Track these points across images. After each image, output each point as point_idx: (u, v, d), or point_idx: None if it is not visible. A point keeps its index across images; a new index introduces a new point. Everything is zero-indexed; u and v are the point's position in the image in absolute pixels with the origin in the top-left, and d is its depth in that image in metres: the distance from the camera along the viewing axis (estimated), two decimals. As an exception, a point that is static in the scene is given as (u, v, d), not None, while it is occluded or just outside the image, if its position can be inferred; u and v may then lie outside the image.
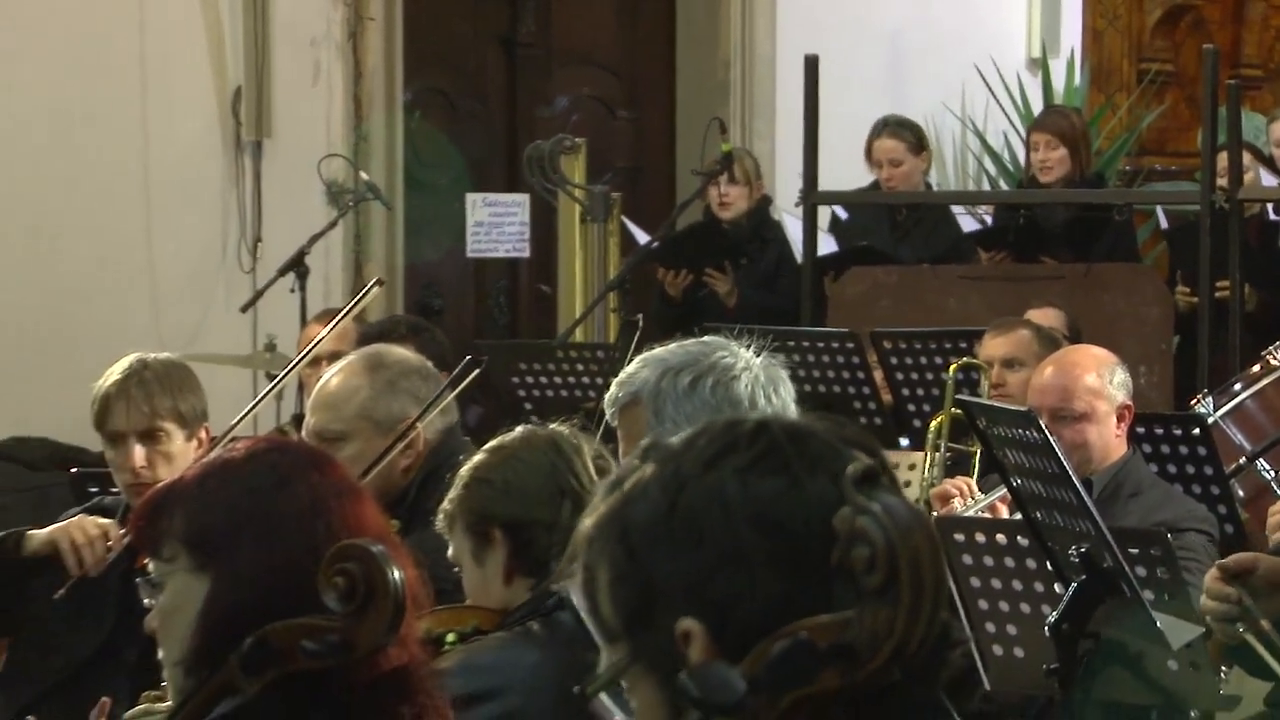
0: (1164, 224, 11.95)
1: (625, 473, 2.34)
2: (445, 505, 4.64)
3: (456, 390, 5.91)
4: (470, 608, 4.59)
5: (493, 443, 4.72)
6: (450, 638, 4.45)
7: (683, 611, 2.24)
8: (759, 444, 2.27)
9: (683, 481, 2.27)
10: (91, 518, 5.84)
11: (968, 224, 12.25)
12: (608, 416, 5.07)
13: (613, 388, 5.05)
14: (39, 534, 5.83)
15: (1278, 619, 4.58)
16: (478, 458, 4.68)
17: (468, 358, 5.92)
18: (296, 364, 7.43)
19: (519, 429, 4.77)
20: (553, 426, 4.79)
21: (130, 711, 4.00)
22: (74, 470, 7.37)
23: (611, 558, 2.30)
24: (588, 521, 2.34)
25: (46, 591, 5.83)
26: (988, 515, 6.47)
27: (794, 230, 11.44)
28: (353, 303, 7.69)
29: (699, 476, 2.26)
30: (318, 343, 7.29)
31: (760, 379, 4.88)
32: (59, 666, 5.52)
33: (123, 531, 5.69)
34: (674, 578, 2.26)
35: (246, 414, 6.91)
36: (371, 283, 7.85)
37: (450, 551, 4.64)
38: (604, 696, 2.43)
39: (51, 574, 5.80)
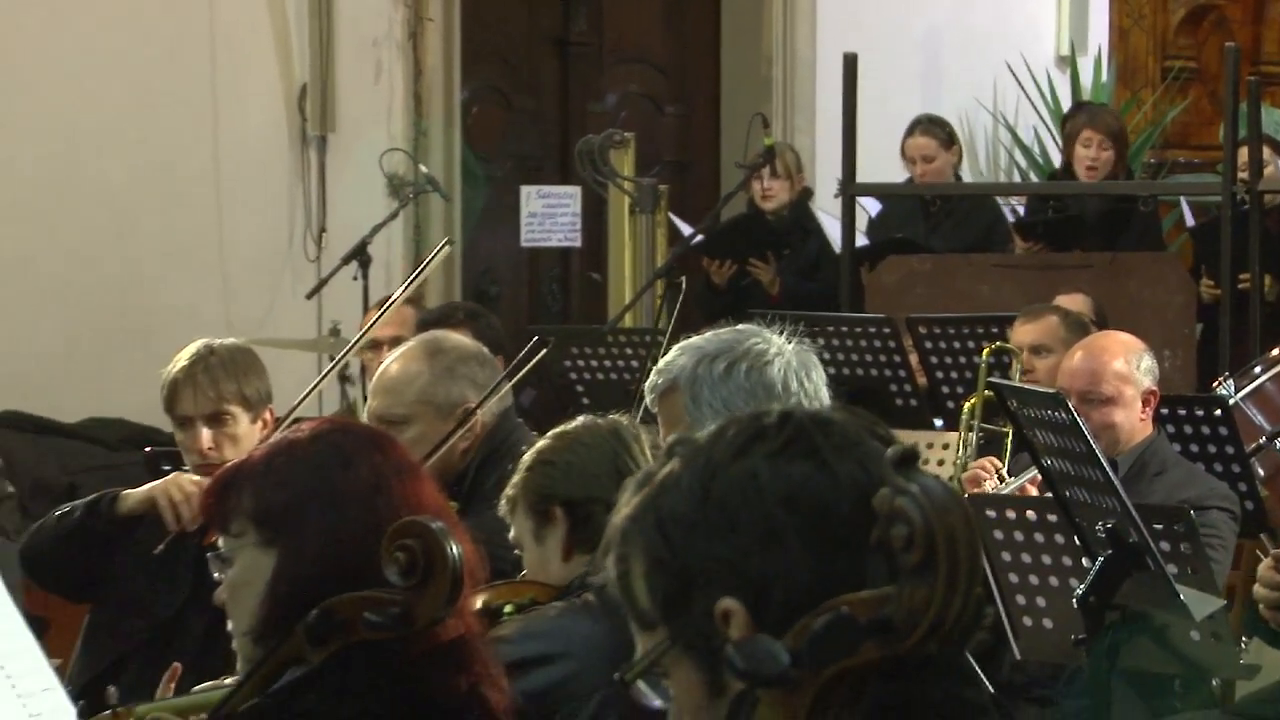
0: (1188, 214, 11.93)
1: (654, 469, 2.34)
2: (509, 490, 4.66)
3: (525, 370, 5.90)
4: (528, 583, 4.60)
5: (556, 429, 4.73)
6: (508, 609, 4.46)
7: (722, 592, 2.24)
8: (786, 430, 2.27)
9: (714, 470, 2.27)
10: (187, 475, 5.85)
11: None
12: (648, 402, 5.07)
13: (652, 375, 5.05)
14: (135, 493, 5.84)
15: None
16: (541, 442, 4.70)
17: (535, 339, 5.91)
18: (356, 343, 7.46)
19: (581, 417, 4.78)
20: (613, 416, 4.80)
21: (202, 685, 4.01)
22: (148, 450, 7.38)
23: (647, 547, 2.30)
24: (618, 516, 2.34)
25: (129, 553, 5.84)
26: (1019, 494, 6.47)
27: (828, 225, 11.44)
28: (425, 263, 7.70)
29: (730, 463, 2.26)
30: (383, 314, 7.31)
31: (792, 364, 4.86)
32: (138, 629, 5.53)
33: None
34: (711, 561, 2.25)
35: (308, 394, 6.93)
36: (442, 243, 7.87)
37: (512, 534, 4.65)
38: (641, 683, 2.43)
39: (139, 534, 5.82)
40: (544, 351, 5.88)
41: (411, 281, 7.45)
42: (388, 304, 7.49)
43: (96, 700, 3.87)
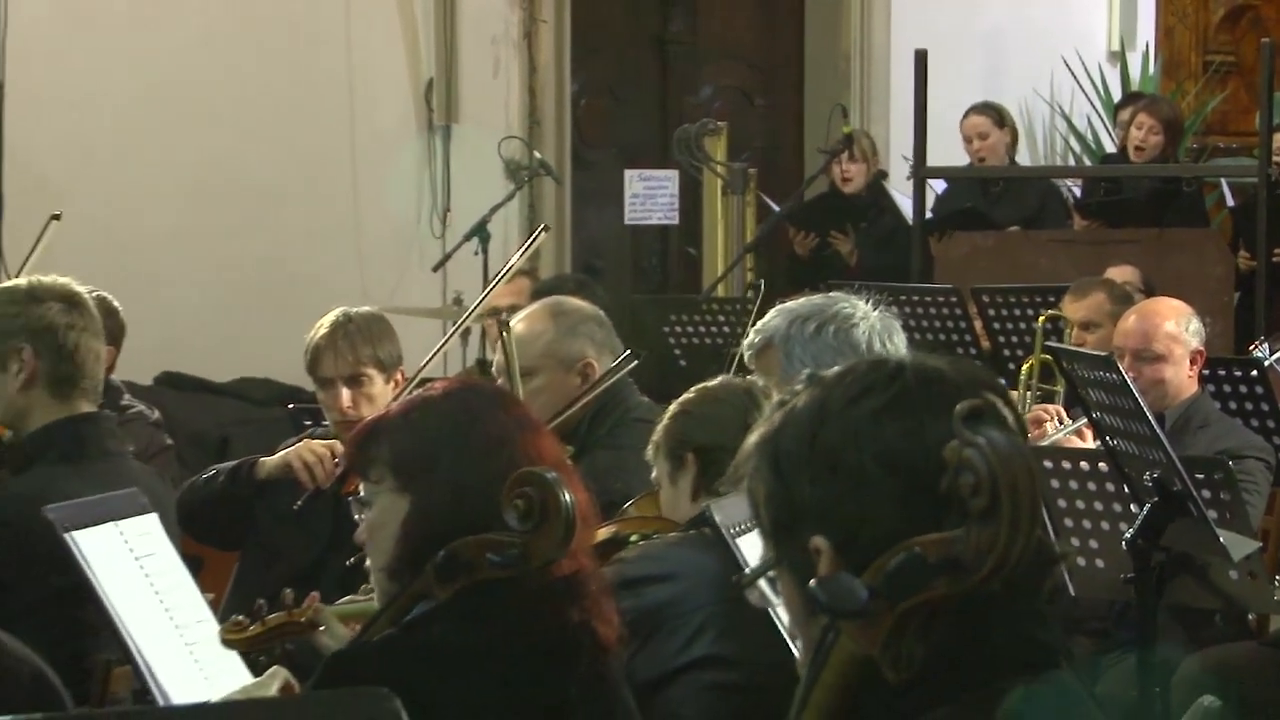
0: (1228, 194, 11.88)
1: (790, 395, 2.34)
2: (654, 435, 4.68)
3: (614, 377, 5.90)
4: (654, 518, 4.62)
5: (701, 385, 4.75)
6: (634, 538, 4.49)
7: (815, 530, 2.23)
8: (893, 388, 2.25)
9: (825, 416, 2.26)
10: (317, 440, 5.89)
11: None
12: (746, 359, 5.09)
13: (750, 334, 5.08)
14: (271, 460, 5.89)
15: None
16: (685, 396, 4.71)
17: (628, 352, 5.93)
18: (474, 309, 7.47)
19: (721, 376, 4.81)
20: (750, 378, 4.80)
21: (338, 602, 4.05)
22: (290, 406, 7.42)
23: (765, 476, 2.30)
24: (753, 437, 2.35)
25: (270, 510, 5.88)
26: (1074, 441, 6.45)
27: (901, 202, 11.44)
28: (525, 246, 7.75)
29: (840, 412, 2.25)
30: (495, 284, 7.33)
31: (876, 326, 4.90)
32: (282, 573, 5.55)
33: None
34: (810, 501, 2.25)
35: (433, 356, 6.95)
36: (538, 230, 7.89)
37: (653, 474, 4.68)
38: (764, 585, 2.45)
39: (278, 493, 5.85)
40: (634, 364, 5.88)
41: (510, 266, 7.47)
42: (492, 283, 7.49)
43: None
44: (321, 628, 3.86)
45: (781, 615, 4.18)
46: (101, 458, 4.79)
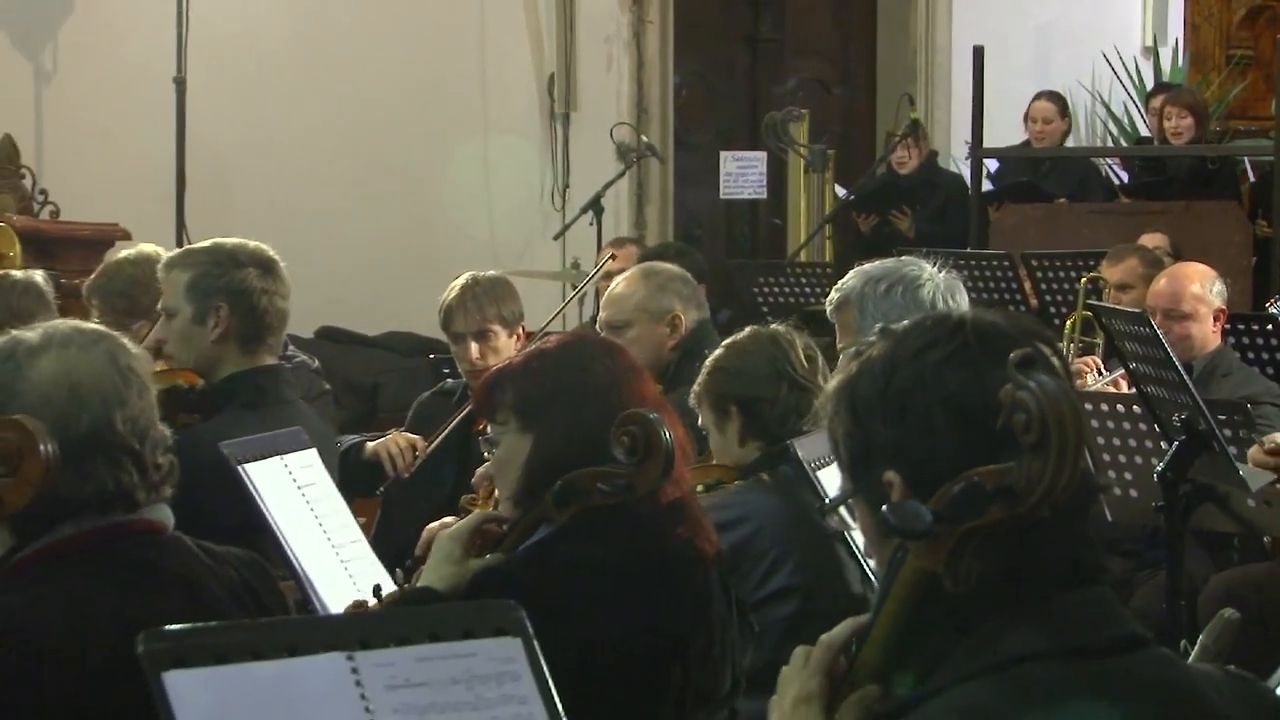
0: (1249, 170, 11.82)
1: (865, 346, 2.33)
2: (695, 388, 4.64)
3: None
4: (713, 465, 4.59)
5: (727, 340, 4.70)
6: (699, 488, 4.46)
7: (888, 465, 2.23)
8: (955, 341, 2.24)
9: (896, 365, 2.25)
10: (404, 435, 5.91)
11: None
12: (828, 314, 5.07)
13: (831, 293, 5.06)
14: (369, 445, 5.90)
15: None
16: (717, 352, 4.66)
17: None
18: (589, 281, 7.50)
19: (748, 329, 4.76)
20: (773, 326, 4.75)
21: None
22: (430, 356, 7.45)
23: (844, 417, 2.30)
24: (832, 383, 2.35)
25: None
26: (1112, 388, 6.43)
27: (964, 173, 11.45)
28: (596, 268, 7.79)
29: (908, 362, 2.24)
30: (596, 272, 7.34)
31: (940, 286, 4.87)
32: (422, 511, 5.57)
33: (447, 426, 5.78)
34: (884, 440, 2.24)
35: (555, 316, 6.96)
36: (606, 257, 7.96)
37: (700, 421, 4.64)
38: (844, 511, 2.45)
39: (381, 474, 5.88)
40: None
41: (588, 282, 7.52)
42: (594, 271, 7.48)
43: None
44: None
45: (855, 540, 4.18)
46: (279, 405, 4.80)
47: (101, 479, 3.01)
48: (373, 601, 3.78)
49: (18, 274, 5.95)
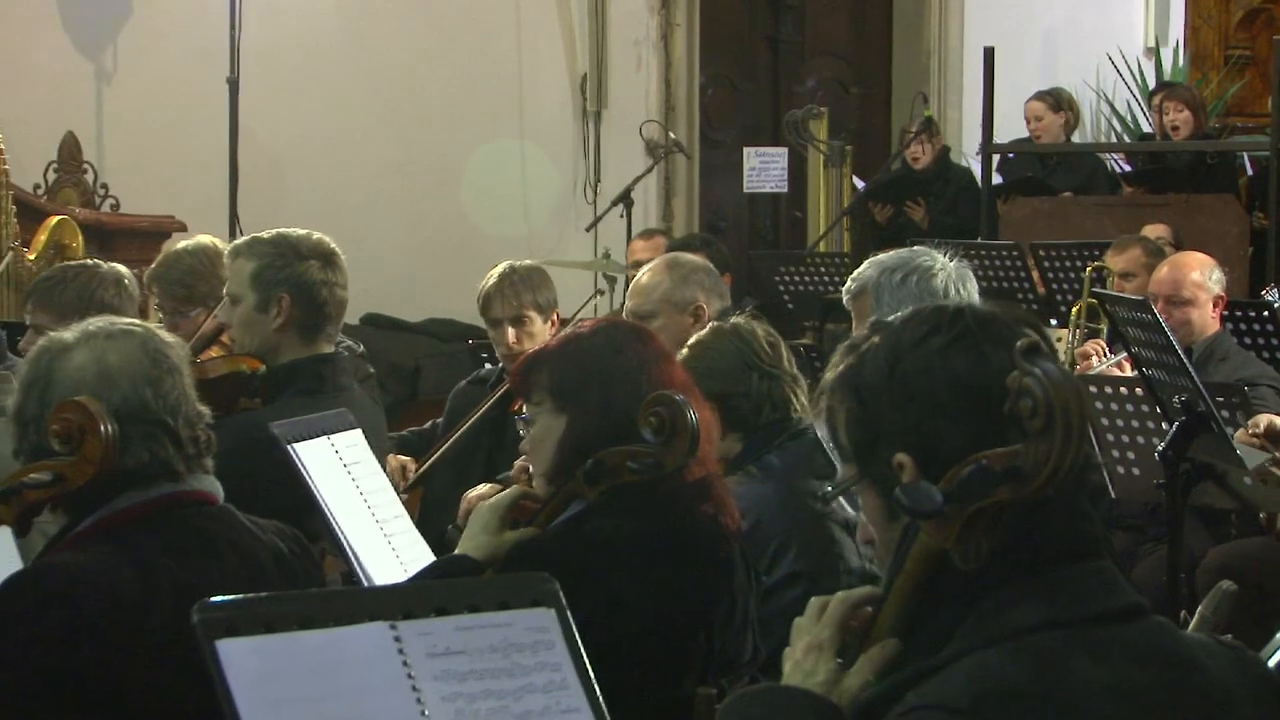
0: (1248, 165, 11.79)
1: (858, 340, 2.31)
2: None
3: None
4: None
5: (691, 340, 4.59)
6: None
7: (898, 448, 2.22)
8: (956, 327, 2.23)
9: (900, 353, 2.24)
10: (397, 458, 5.81)
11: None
12: (845, 302, 5.04)
13: (848, 282, 5.03)
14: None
15: None
16: (683, 353, 4.49)
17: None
18: (621, 274, 7.48)
19: (709, 327, 4.70)
20: (733, 319, 4.67)
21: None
22: (470, 341, 7.44)
23: (848, 405, 2.28)
24: (830, 374, 2.32)
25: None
26: (1115, 371, 6.41)
27: (975, 168, 11.42)
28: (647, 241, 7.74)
29: (913, 349, 2.23)
30: (630, 263, 7.31)
31: (952, 275, 4.84)
32: (455, 494, 5.57)
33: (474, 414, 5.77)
34: (892, 424, 2.23)
35: (588, 303, 6.96)
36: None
37: None
38: (843, 499, 2.44)
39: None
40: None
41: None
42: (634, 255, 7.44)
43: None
44: None
45: (848, 518, 4.16)
46: (336, 391, 4.79)
47: (137, 452, 3.04)
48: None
49: (104, 266, 5.95)
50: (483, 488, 4.84)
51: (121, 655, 2.87)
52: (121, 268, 5.96)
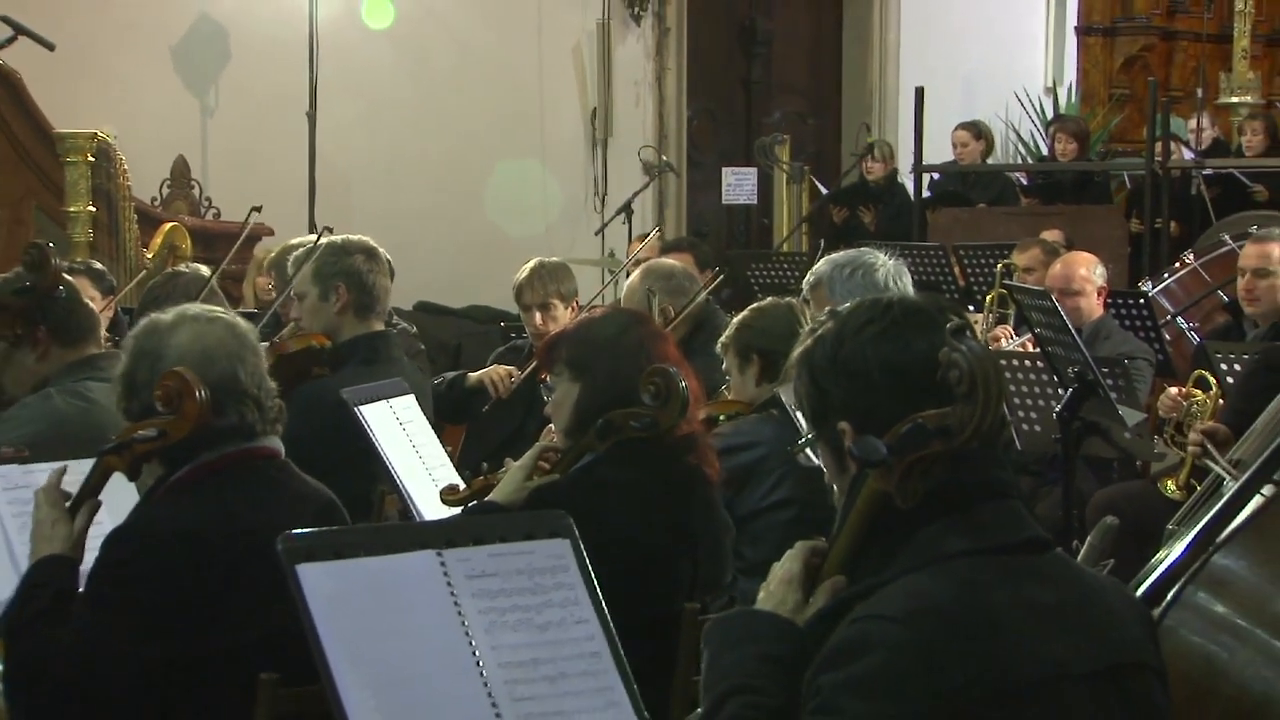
0: (1128, 181, 11.80)
1: (817, 325, 2.30)
2: (723, 339, 4.59)
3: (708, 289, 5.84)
4: (734, 401, 4.55)
5: (754, 305, 4.63)
6: (722, 417, 4.43)
7: (840, 417, 2.23)
8: (888, 318, 2.23)
9: (843, 339, 2.24)
10: (502, 366, 5.86)
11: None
12: (804, 293, 5.01)
13: (808, 276, 5.00)
14: (472, 375, 5.88)
15: None
16: (745, 313, 4.57)
17: (717, 269, 5.87)
18: (624, 267, 7.44)
19: (770, 298, 4.70)
20: (788, 298, 4.70)
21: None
22: (503, 324, 7.44)
23: (804, 379, 2.28)
24: (797, 351, 2.32)
25: (480, 407, 5.85)
26: (1021, 349, 6.39)
27: (910, 187, 11.41)
28: (644, 243, 7.74)
29: (853, 336, 2.23)
30: (633, 259, 7.29)
31: (891, 271, 4.81)
32: (494, 439, 5.55)
33: (521, 372, 5.73)
34: (836, 397, 2.23)
35: (597, 295, 6.92)
36: (653, 230, 7.90)
37: (724, 365, 4.58)
38: (809, 450, 2.43)
39: (481, 398, 5.83)
40: (719, 278, 5.79)
41: (632, 258, 7.47)
42: (634, 254, 7.45)
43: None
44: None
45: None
46: (388, 362, 4.80)
47: (230, 416, 3.03)
48: (463, 487, 3.78)
49: (187, 269, 5.98)
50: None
51: (206, 587, 2.85)
52: (202, 268, 6.04)
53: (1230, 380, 5.46)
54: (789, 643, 2.17)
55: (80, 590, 2.93)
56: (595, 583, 2.69)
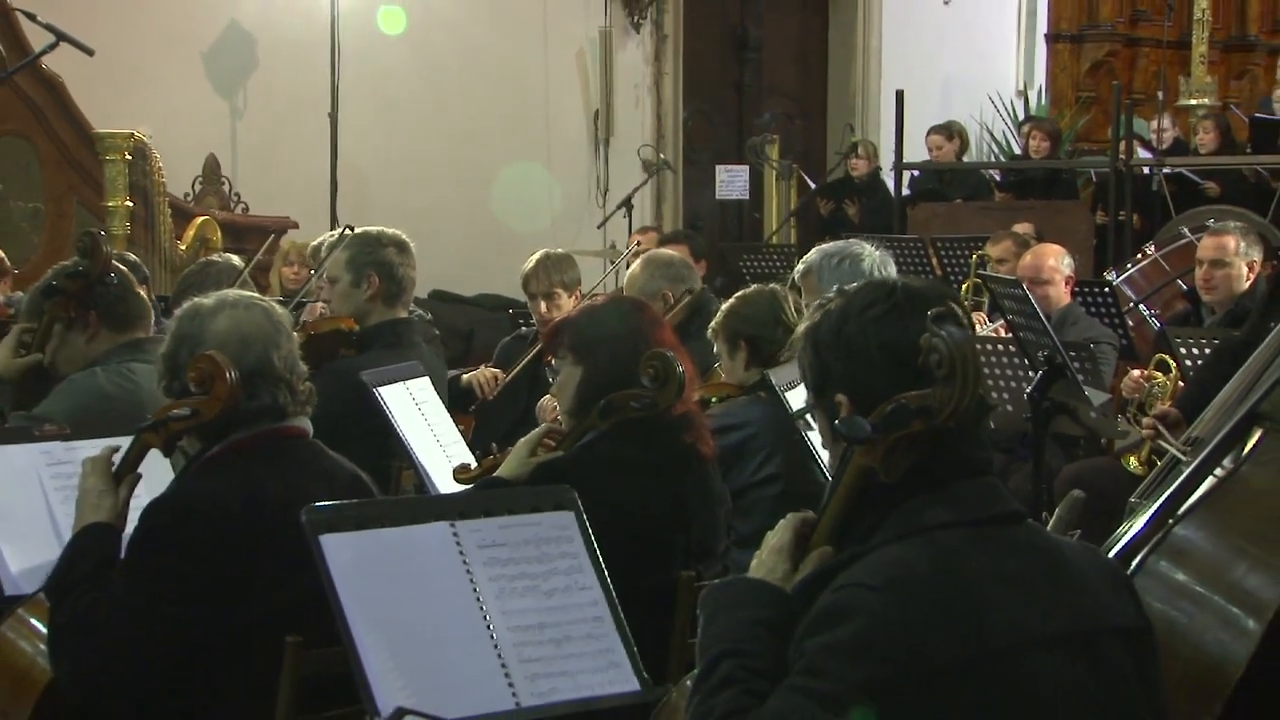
0: (1094, 177, 11.78)
1: (824, 301, 2.28)
2: (713, 325, 4.57)
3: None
4: (724, 384, 4.54)
5: (740, 293, 4.59)
6: (714, 399, 4.42)
7: (840, 389, 2.21)
8: (890, 302, 2.21)
9: (847, 317, 2.22)
10: (489, 369, 5.81)
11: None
12: (795, 280, 5.00)
13: (799, 264, 5.00)
14: (464, 377, 5.85)
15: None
16: (732, 301, 4.54)
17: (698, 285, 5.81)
18: (623, 260, 7.41)
19: (755, 286, 4.68)
20: (773, 286, 4.67)
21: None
22: (511, 311, 7.43)
23: (809, 353, 2.26)
24: (803, 325, 2.30)
25: (467, 406, 5.79)
26: (994, 334, 6.38)
27: (890, 183, 11.38)
28: (628, 250, 7.66)
29: (855, 316, 2.21)
30: (631, 251, 7.26)
31: (876, 259, 4.81)
32: (505, 422, 5.53)
33: (519, 364, 5.71)
34: (836, 372, 2.21)
35: (599, 283, 6.90)
36: (635, 243, 7.88)
37: (715, 350, 4.57)
38: (809, 417, 2.42)
39: (469, 398, 5.79)
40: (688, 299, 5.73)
41: (630, 250, 7.40)
42: (628, 252, 7.42)
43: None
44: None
45: (814, 443, 4.13)
46: (409, 346, 4.81)
47: (263, 398, 3.02)
48: (474, 465, 3.77)
49: (220, 258, 5.96)
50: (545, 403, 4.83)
51: (235, 557, 2.84)
52: (234, 258, 6.01)
53: (1189, 363, 5.45)
54: (779, 609, 2.17)
55: (121, 558, 2.93)
56: (597, 552, 2.69)
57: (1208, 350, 5.28)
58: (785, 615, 2.14)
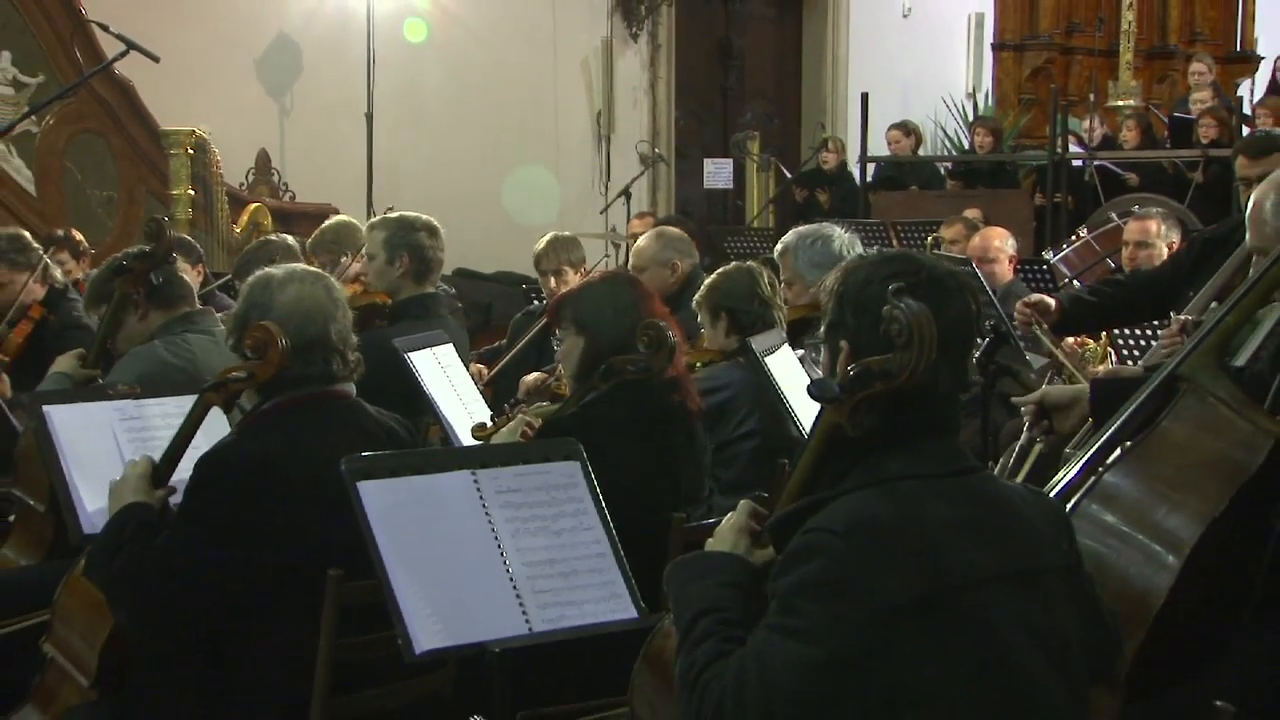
0: (1034, 170, 11.76)
1: (850, 262, 2.23)
2: (697, 298, 4.55)
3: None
4: (708, 350, 4.51)
5: (720, 269, 4.55)
6: (699, 364, 4.39)
7: (845, 338, 2.16)
8: (912, 279, 2.13)
9: (865, 283, 2.15)
10: (477, 365, 5.70)
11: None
12: (775, 257, 4.96)
13: (778, 245, 4.96)
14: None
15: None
16: (713, 276, 4.50)
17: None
18: (623, 240, 7.38)
19: (734, 263, 4.65)
20: (749, 262, 4.64)
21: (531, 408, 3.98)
22: (524, 286, 7.40)
23: (833, 298, 2.19)
24: (830, 279, 2.23)
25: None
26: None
27: (856, 175, 11.34)
28: (630, 226, 7.62)
29: (872, 283, 2.14)
30: (633, 238, 7.21)
31: (846, 241, 4.78)
32: (517, 388, 5.49)
33: (527, 335, 5.68)
34: (849, 323, 2.16)
35: (600, 262, 6.87)
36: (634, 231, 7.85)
37: (699, 319, 4.55)
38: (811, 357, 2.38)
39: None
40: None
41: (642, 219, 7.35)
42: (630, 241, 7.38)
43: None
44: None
45: (791, 404, 4.09)
46: (436, 318, 4.79)
47: (319, 365, 3.00)
48: (490, 424, 3.76)
49: (276, 238, 5.94)
50: (533, 376, 4.87)
51: (272, 503, 2.82)
52: (290, 238, 5.98)
53: (1116, 332, 5.42)
54: (744, 573, 2.16)
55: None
56: (600, 497, 2.68)
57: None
58: (750, 578, 2.13)
